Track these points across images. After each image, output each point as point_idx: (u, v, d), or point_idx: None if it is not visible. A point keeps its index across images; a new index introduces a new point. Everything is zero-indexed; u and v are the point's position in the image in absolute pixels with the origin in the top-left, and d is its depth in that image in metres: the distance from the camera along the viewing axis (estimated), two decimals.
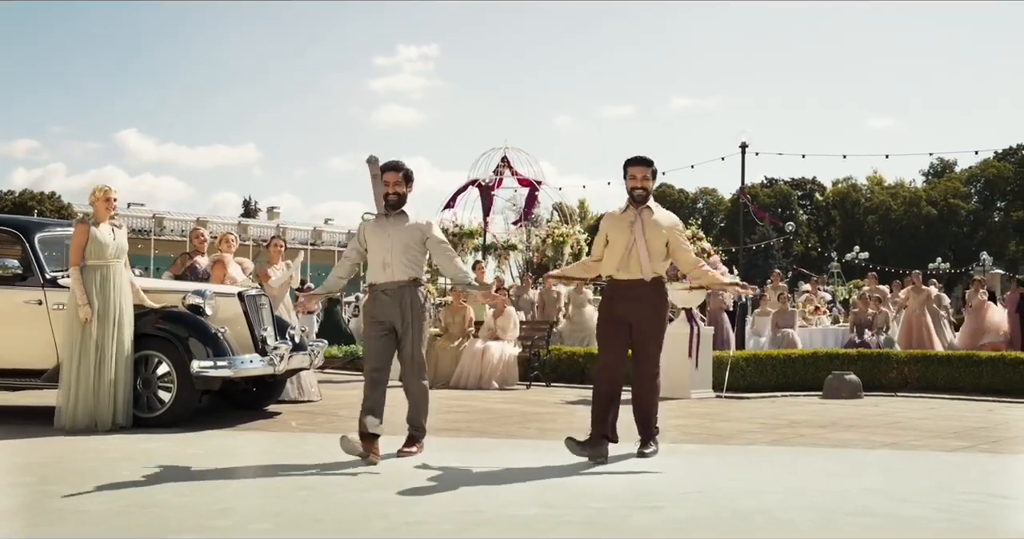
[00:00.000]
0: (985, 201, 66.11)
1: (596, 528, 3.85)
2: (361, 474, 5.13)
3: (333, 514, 4.08)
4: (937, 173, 69.18)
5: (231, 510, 4.15)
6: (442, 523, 3.90)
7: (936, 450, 6.18)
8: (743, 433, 7.04)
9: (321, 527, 3.86)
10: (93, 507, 4.21)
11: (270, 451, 6.16)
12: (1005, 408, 9.19)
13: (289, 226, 48.15)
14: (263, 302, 8.09)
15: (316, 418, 7.88)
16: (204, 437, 6.64)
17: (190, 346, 7.16)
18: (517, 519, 3.98)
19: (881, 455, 5.96)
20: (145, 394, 7.19)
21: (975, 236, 62.96)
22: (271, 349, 7.64)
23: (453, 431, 7.16)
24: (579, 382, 11.91)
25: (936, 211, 62.74)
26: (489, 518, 4.01)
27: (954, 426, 7.55)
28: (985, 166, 64.35)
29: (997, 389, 10.34)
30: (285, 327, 8.30)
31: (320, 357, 8.55)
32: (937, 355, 11.28)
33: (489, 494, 4.54)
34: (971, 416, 8.37)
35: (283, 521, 3.94)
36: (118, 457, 5.70)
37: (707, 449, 6.26)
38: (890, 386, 10.95)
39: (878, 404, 9.48)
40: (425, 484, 4.82)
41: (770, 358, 11.30)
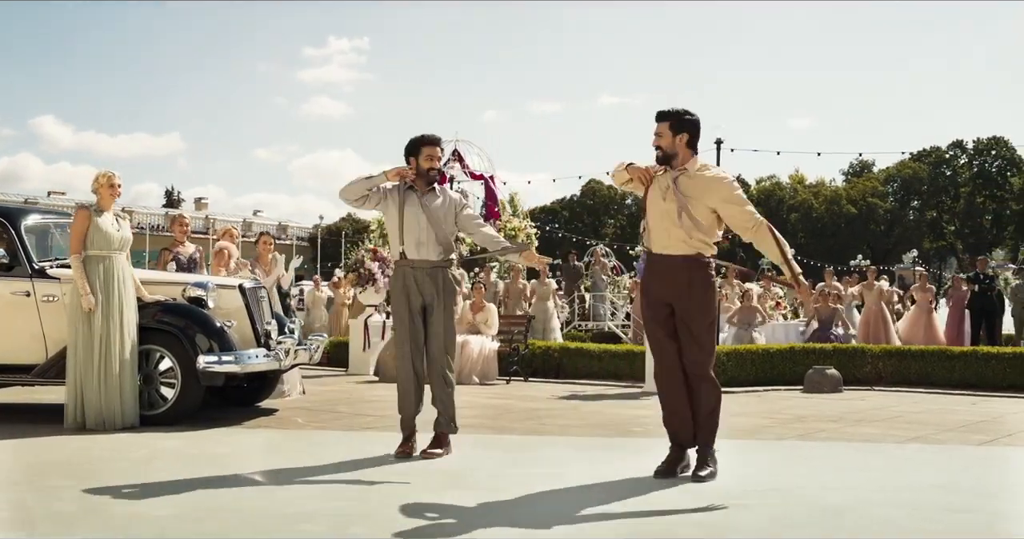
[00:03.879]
0: (901, 201, 68.38)
1: (703, 528, 3.76)
2: (422, 472, 4.94)
3: (420, 514, 3.90)
4: (856, 173, 71.28)
5: (314, 514, 3.93)
6: (550, 523, 3.76)
7: (964, 444, 6.27)
8: (763, 428, 7.05)
9: (416, 529, 3.69)
10: (160, 512, 3.95)
11: (298, 450, 5.90)
12: (985, 401, 9.44)
13: (218, 217, 46.86)
14: (263, 295, 7.81)
15: (319, 415, 7.63)
16: (220, 435, 6.36)
17: (196, 341, 6.84)
18: (612, 523, 3.87)
19: (919, 450, 6.03)
20: (147, 391, 6.85)
21: (892, 234, 65.13)
22: (275, 344, 7.36)
23: (470, 427, 6.99)
24: (555, 377, 11.86)
25: (856, 210, 64.65)
26: (577, 522, 3.88)
27: (956, 420, 7.70)
28: (901, 167, 66.58)
29: (969, 383, 10.63)
30: (283, 322, 8.01)
31: (319, 352, 8.29)
32: (911, 350, 11.54)
33: (569, 498, 4.40)
34: (962, 410, 8.56)
35: (375, 523, 3.75)
36: (146, 457, 5.41)
37: (745, 445, 6.23)
38: (865, 380, 11.15)
39: (864, 398, 9.64)
40: (499, 484, 4.67)
41: (750, 353, 11.40)
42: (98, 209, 6.63)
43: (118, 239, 6.63)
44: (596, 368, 11.83)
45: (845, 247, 58.31)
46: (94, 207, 6.64)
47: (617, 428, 7.00)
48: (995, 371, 10.61)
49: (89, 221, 6.52)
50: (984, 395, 10.02)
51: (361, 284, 13.13)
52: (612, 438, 6.48)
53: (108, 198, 6.66)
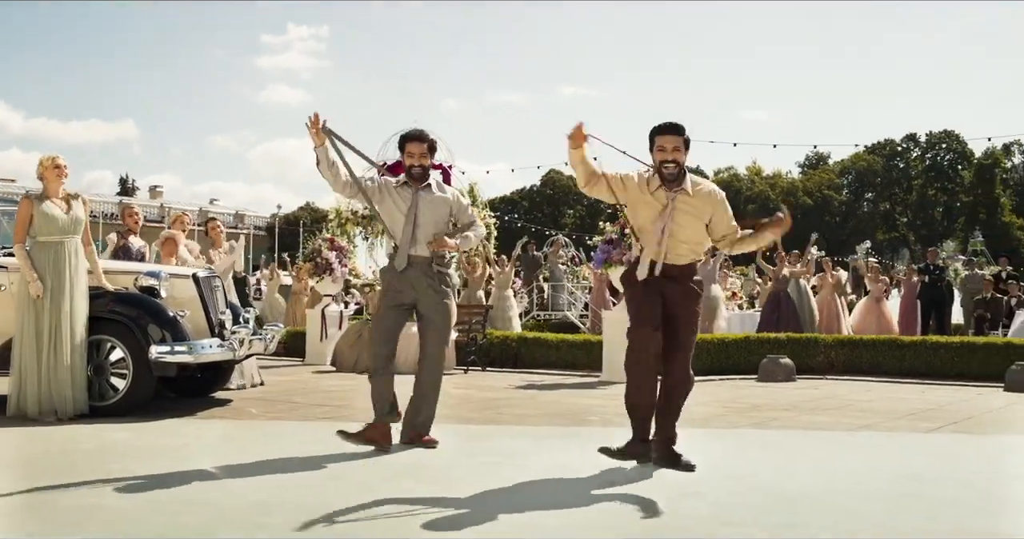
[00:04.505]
0: (856, 192, 69.35)
1: (657, 515, 3.79)
2: (378, 463, 4.91)
3: (376, 504, 3.88)
4: (812, 165, 72.15)
5: (268, 504, 3.89)
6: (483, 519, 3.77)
7: (913, 432, 6.39)
8: (718, 417, 7.12)
9: (375, 521, 3.67)
10: (109, 504, 3.88)
11: (252, 440, 5.84)
12: (933, 390, 9.63)
13: (173, 206, 46.18)
14: (217, 284, 7.71)
15: (275, 405, 7.56)
16: (172, 426, 6.28)
17: (148, 330, 6.73)
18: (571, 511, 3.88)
19: (870, 437, 6.13)
20: (97, 381, 6.73)
21: (846, 225, 66.05)
22: (230, 333, 7.28)
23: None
24: (513, 366, 11.90)
25: (811, 201, 65.46)
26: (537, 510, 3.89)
27: (906, 408, 7.84)
28: (856, 159, 67.50)
29: (919, 372, 10.84)
30: (238, 311, 7.91)
31: (275, 342, 8.21)
32: (862, 340, 11.73)
33: (528, 489, 4.41)
34: (911, 398, 8.72)
35: (330, 514, 3.72)
36: (96, 448, 5.32)
37: (700, 434, 6.27)
38: (818, 369, 11.33)
39: (817, 387, 9.79)
40: (456, 474, 4.66)
41: (705, 342, 11.48)
42: (42, 195, 6.50)
43: (67, 222, 6.51)
44: (554, 358, 11.88)
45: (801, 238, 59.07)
46: (35, 195, 6.52)
47: (574, 417, 7.03)
48: (943, 360, 10.83)
49: (32, 209, 6.41)
50: (933, 383, 10.22)
51: (318, 273, 13.05)
52: (569, 427, 6.50)
53: (55, 182, 6.53)
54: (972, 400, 8.63)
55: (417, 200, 5.43)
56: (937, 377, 10.63)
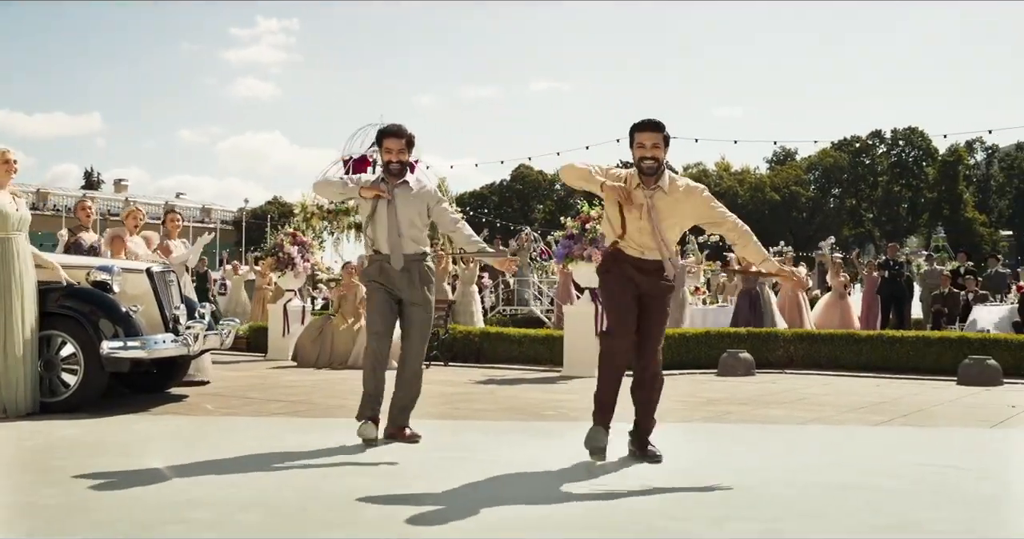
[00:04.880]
0: (822, 188, 70.04)
1: (591, 509, 3.81)
2: (326, 459, 4.90)
3: (314, 500, 3.88)
4: (780, 161, 72.76)
5: (203, 500, 3.87)
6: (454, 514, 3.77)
7: (862, 425, 6.48)
8: (672, 411, 7.14)
9: (307, 516, 3.66)
10: (48, 501, 3.85)
11: (202, 436, 5.81)
12: (889, 384, 9.74)
13: (139, 200, 45.65)
14: (172, 279, 7.64)
15: (230, 401, 7.51)
16: (123, 422, 6.22)
17: (99, 326, 6.67)
18: (519, 506, 3.90)
19: (819, 430, 6.21)
20: (47, 377, 6.66)
21: (813, 221, 66.71)
22: (184, 328, 7.22)
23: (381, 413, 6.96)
24: (475, 361, 11.90)
25: (779, 197, 66.06)
26: (497, 509, 3.90)
27: (859, 401, 7.94)
28: (823, 155, 68.18)
29: (876, 366, 10.98)
30: (194, 306, 7.86)
31: (232, 337, 8.16)
32: (820, 334, 11.84)
33: (486, 485, 4.42)
34: (865, 392, 8.83)
35: (266, 509, 3.71)
36: (42, 445, 5.26)
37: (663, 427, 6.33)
38: (777, 363, 11.44)
39: (775, 381, 9.87)
40: (401, 470, 4.66)
41: (666, 337, 11.54)
42: None
43: (16, 219, 6.42)
44: (516, 353, 11.89)
45: (768, 233, 59.44)
46: None
47: (530, 412, 7.05)
48: (899, 354, 10.96)
49: None
50: (889, 377, 10.34)
51: (280, 268, 12.97)
52: (524, 422, 6.52)
53: (4, 177, 6.44)
54: (924, 394, 8.75)
55: (394, 197, 5.41)
56: (893, 371, 10.77)
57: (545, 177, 70.49)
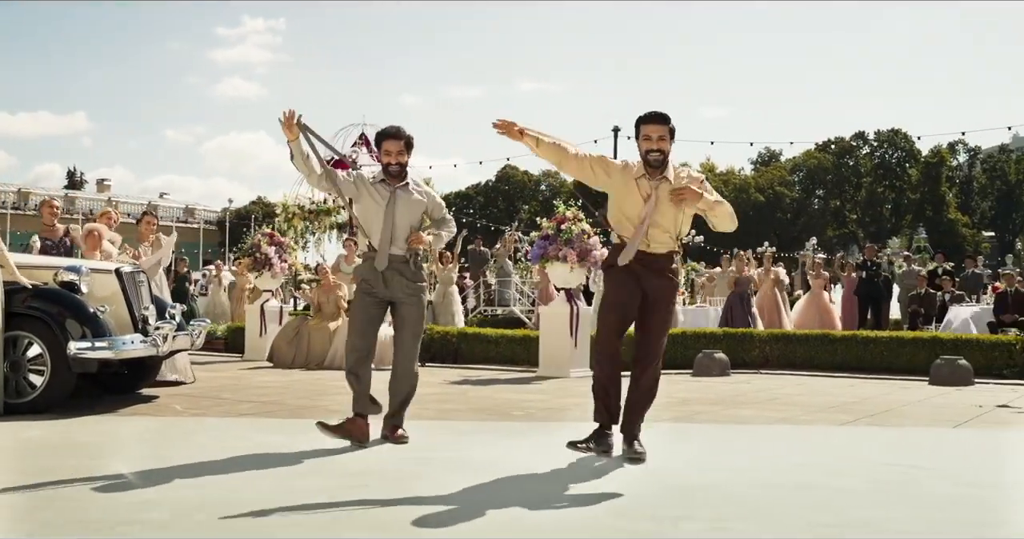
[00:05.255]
0: (807, 190, 70.25)
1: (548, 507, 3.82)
2: (287, 458, 4.89)
3: (269, 500, 3.87)
4: (764, 162, 72.94)
5: (159, 501, 3.86)
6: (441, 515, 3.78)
7: (829, 424, 6.52)
8: None
9: (261, 516, 3.66)
10: (6, 500, 3.83)
11: (168, 437, 5.79)
12: (862, 384, 9.81)
13: (121, 199, 45.44)
14: (141, 279, 7.61)
15: (200, 401, 7.49)
16: (90, 423, 6.20)
17: (66, 326, 6.63)
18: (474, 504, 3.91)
19: (786, 430, 6.24)
20: (14, 378, 6.62)
21: (798, 222, 66.91)
22: (153, 329, 7.20)
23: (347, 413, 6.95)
24: (453, 362, 11.90)
25: (763, 198, 66.22)
26: (460, 507, 3.91)
27: (830, 401, 7.98)
28: (807, 157, 68.39)
29: (850, 366, 11.04)
30: (165, 306, 7.83)
31: (202, 337, 8.13)
32: (796, 334, 11.90)
33: (427, 479, 4.43)
34: (837, 392, 8.88)
35: (219, 509, 3.70)
36: (3, 446, 5.23)
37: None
38: (753, 364, 11.49)
39: (750, 381, 9.92)
40: (354, 468, 4.66)
41: None
42: None
43: None
44: (493, 353, 11.91)
45: (753, 234, 59.74)
46: None
47: (498, 412, 7.05)
48: (873, 354, 11.04)
49: None
50: (862, 377, 10.41)
51: (257, 269, 12.94)
52: (489, 422, 6.52)
53: None
54: (895, 393, 8.81)
55: (395, 199, 5.40)
56: (868, 371, 10.84)
57: (530, 177, 70.48)
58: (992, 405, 7.81)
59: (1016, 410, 7.57)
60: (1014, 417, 7.10)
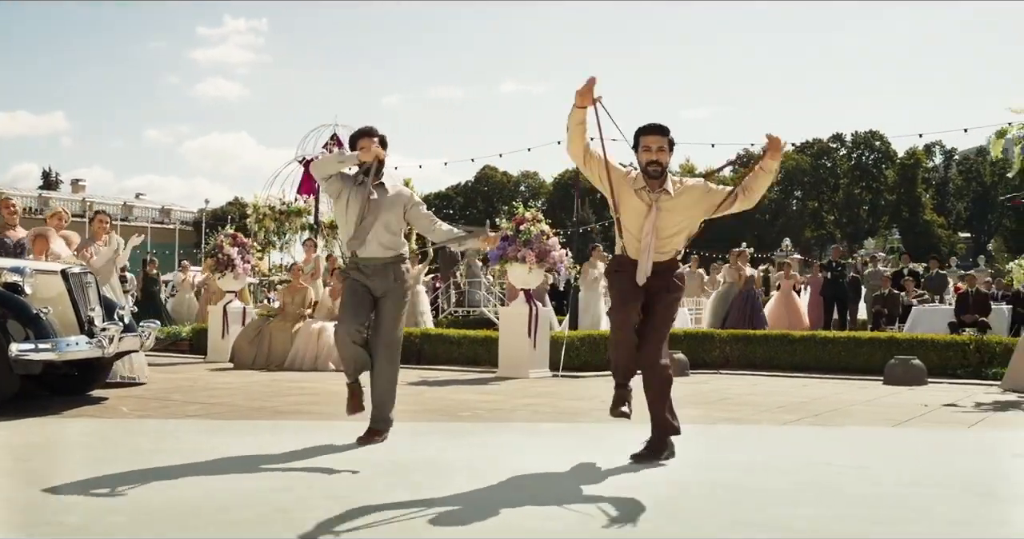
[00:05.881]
0: (785, 191, 70.63)
1: (470, 512, 3.83)
2: (218, 459, 4.88)
3: (190, 503, 3.87)
4: (743, 164, 73.29)
5: (79, 503, 3.85)
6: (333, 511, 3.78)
7: (770, 424, 6.56)
8: (587, 412, 7.21)
9: (177, 518, 3.65)
10: None
11: (104, 439, 5.76)
12: (817, 383, 9.89)
13: (96, 200, 44.99)
14: (89, 280, 7.57)
15: (148, 403, 7.46)
16: (30, 426, 6.14)
17: (8, 328, 6.59)
18: (381, 502, 3.92)
19: (726, 430, 6.27)
20: None
21: (776, 223, 67.25)
22: (99, 330, 7.16)
23: (290, 414, 6.94)
24: (416, 362, 11.89)
25: None
26: (350, 501, 3.92)
27: (779, 401, 8.04)
28: (785, 158, 68.65)
29: (809, 366, 11.13)
30: (114, 307, 7.79)
31: (152, 339, 8.10)
32: (755, 335, 11.96)
33: (344, 480, 4.44)
34: (791, 392, 8.94)
35: (132, 512, 3.69)
36: None
37: (566, 428, 6.39)
38: (713, 364, 11.55)
39: (707, 382, 9.97)
40: (268, 467, 4.65)
41: (603, 338, 11.63)
42: None
43: None
44: (456, 354, 11.92)
45: (732, 234, 59.96)
46: None
47: (447, 413, 7.06)
48: (831, 355, 11.13)
49: None
50: (819, 377, 10.50)
51: (219, 270, 12.89)
52: (435, 423, 6.53)
53: None
54: (848, 393, 8.88)
55: (372, 199, 5.41)
56: (826, 371, 10.93)
57: (509, 178, 70.54)
58: (938, 404, 7.89)
59: (961, 409, 7.65)
60: (955, 416, 7.18)
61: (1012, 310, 15.20)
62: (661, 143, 4.76)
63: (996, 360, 10.09)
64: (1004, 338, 10.98)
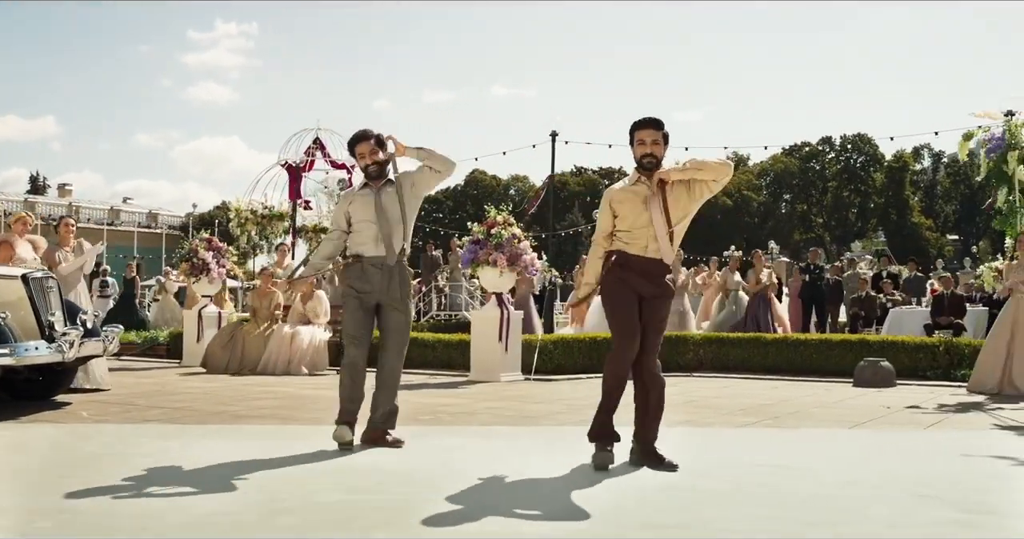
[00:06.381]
0: (774, 194, 70.88)
1: (401, 513, 3.84)
2: (164, 463, 4.87)
3: (124, 506, 3.86)
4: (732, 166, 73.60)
5: (9, 508, 3.84)
6: (244, 513, 3.78)
7: (726, 427, 6.58)
8: (551, 414, 7.23)
9: (106, 522, 3.65)
10: None
11: (55, 444, 5.75)
12: (788, 386, 9.91)
13: (83, 205, 44.92)
14: (51, 285, 7.55)
15: (109, 408, 7.44)
16: None
17: None
18: (320, 505, 3.92)
19: (679, 432, 6.27)
20: None
21: (765, 226, 67.45)
22: (59, 335, 7.15)
23: (247, 418, 6.93)
24: None
25: (731, 202, 66.70)
26: (290, 507, 3.91)
27: (743, 404, 8.06)
28: (774, 161, 69.00)
29: (782, 368, 11.15)
30: (76, 312, 7.77)
31: (115, 344, 8.08)
32: (729, 337, 11.98)
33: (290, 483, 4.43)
34: (759, 394, 8.96)
35: (64, 518, 3.69)
36: None
37: (522, 432, 6.40)
38: (688, 366, 11.56)
39: (677, 384, 9.96)
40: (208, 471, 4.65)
41: (577, 341, 11.65)
42: None
43: None
44: (430, 357, 11.90)
45: (721, 238, 60.17)
46: None
47: (408, 416, 7.01)
48: (804, 357, 11.15)
49: None
50: (791, 379, 10.52)
51: (195, 274, 12.88)
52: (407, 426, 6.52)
53: None
54: (815, 395, 8.90)
55: (380, 201, 5.45)
56: (799, 373, 10.95)
57: (499, 182, 70.60)
58: (901, 406, 7.91)
59: (922, 411, 7.67)
60: (914, 418, 7.20)
61: (989, 312, 15.23)
62: (655, 137, 4.83)
63: (965, 362, 10.12)
64: (973, 340, 11.01)
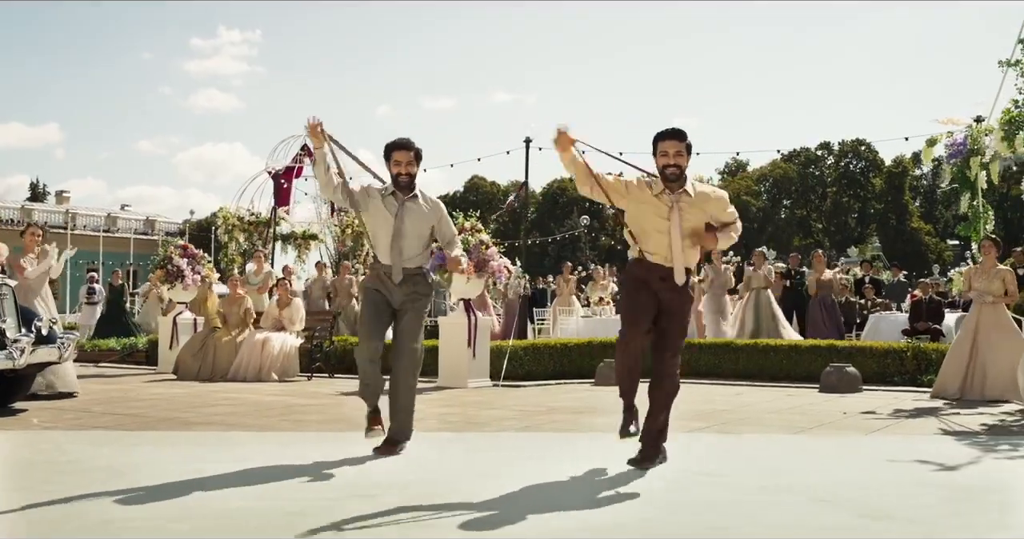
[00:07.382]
0: (773, 199, 70.79)
1: (310, 519, 3.84)
2: (97, 468, 4.89)
3: (50, 512, 3.88)
4: (731, 172, 73.44)
5: None
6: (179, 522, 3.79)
7: (673, 431, 6.55)
8: (499, 420, 7.23)
9: (35, 526, 3.67)
10: None
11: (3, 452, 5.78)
12: (752, 391, 9.90)
13: (80, 212, 45.00)
14: (4, 292, 7.58)
15: (63, 414, 7.46)
16: None
17: None
18: (218, 512, 3.93)
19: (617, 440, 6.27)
20: None
21: (764, 231, 67.35)
22: (11, 342, 7.18)
23: (204, 424, 6.95)
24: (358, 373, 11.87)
25: None
26: (188, 514, 3.92)
27: (701, 410, 8.04)
28: (773, 167, 68.93)
29: (751, 374, 11.14)
30: (32, 318, 7.80)
31: (72, 350, 8.09)
32: (700, 343, 11.97)
33: (221, 490, 4.45)
34: (720, 400, 8.95)
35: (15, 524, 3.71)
36: None
37: (451, 437, 6.41)
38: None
39: (641, 391, 9.94)
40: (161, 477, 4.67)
41: (547, 347, 11.67)
42: None
43: None
44: None
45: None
46: None
47: (353, 422, 7.04)
48: (772, 362, 11.14)
49: None
50: (758, 385, 10.51)
51: (170, 281, 12.91)
52: (329, 433, 6.56)
53: None
54: (777, 401, 8.89)
55: (403, 212, 5.47)
56: (768, 379, 10.94)
57: (498, 188, 70.63)
58: (857, 412, 7.90)
59: (876, 416, 7.65)
60: (863, 423, 7.18)
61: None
62: (679, 148, 4.90)
63: (932, 367, 10.09)
64: (941, 345, 10.99)
